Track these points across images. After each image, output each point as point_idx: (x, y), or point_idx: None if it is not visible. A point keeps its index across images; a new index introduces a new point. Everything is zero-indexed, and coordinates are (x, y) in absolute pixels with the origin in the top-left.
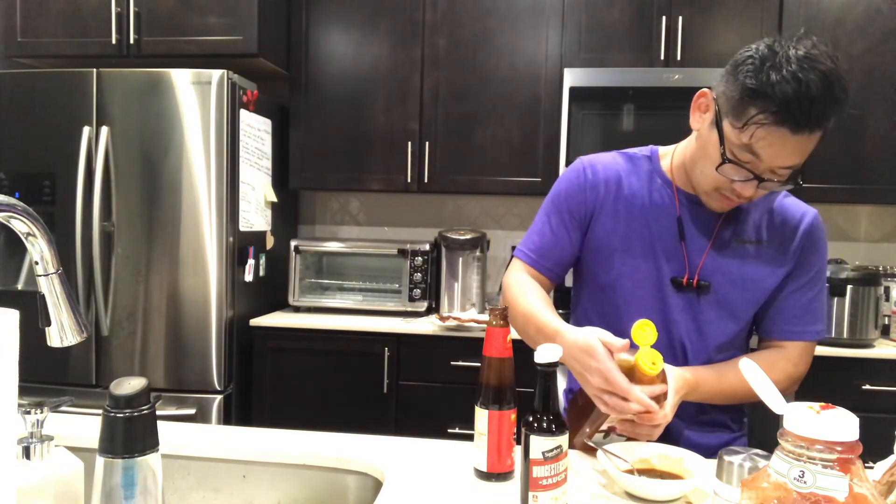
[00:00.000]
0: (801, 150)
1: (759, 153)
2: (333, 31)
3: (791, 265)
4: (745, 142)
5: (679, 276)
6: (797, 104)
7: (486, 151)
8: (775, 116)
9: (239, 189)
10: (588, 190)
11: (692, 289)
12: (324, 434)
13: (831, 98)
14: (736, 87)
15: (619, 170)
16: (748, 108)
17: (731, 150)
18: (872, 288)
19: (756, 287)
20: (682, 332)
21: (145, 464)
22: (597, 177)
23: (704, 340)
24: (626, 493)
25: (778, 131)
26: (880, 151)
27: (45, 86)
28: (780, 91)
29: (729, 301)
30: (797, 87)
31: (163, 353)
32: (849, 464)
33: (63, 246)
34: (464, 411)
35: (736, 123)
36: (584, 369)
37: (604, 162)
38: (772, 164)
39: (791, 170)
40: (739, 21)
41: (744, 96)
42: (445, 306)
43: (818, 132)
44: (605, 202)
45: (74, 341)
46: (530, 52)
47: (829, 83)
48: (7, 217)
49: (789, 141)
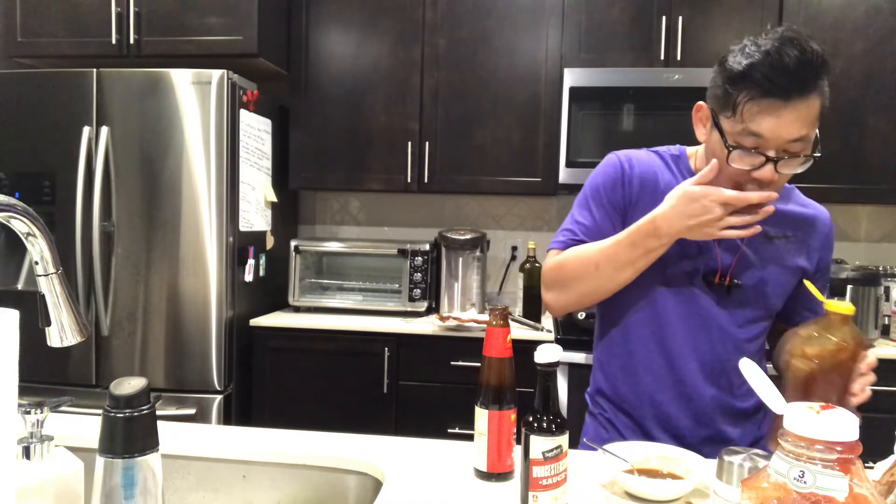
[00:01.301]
0: (802, 117)
1: (759, 132)
2: (333, 31)
3: (813, 263)
4: (742, 126)
5: (711, 274)
6: (776, 72)
7: (486, 151)
8: (760, 89)
9: (239, 189)
10: (626, 183)
11: (724, 287)
12: (324, 434)
13: (808, 60)
14: (720, 82)
15: (655, 166)
16: (734, 93)
17: (734, 140)
18: (872, 288)
19: (787, 281)
20: (714, 327)
21: (145, 464)
22: (633, 171)
23: (738, 333)
24: (626, 493)
25: (768, 102)
26: (880, 151)
27: (45, 86)
28: (756, 67)
29: (763, 296)
30: (772, 58)
31: (163, 353)
32: (849, 464)
33: (63, 246)
34: (464, 411)
35: (729, 114)
36: (701, 212)
37: (639, 158)
38: (777, 139)
39: (803, 143)
40: (739, 21)
41: (727, 85)
42: (445, 306)
43: (811, 96)
44: (640, 196)
45: (74, 341)
46: (530, 52)
47: (802, 48)
48: (7, 217)
49: (784, 111)
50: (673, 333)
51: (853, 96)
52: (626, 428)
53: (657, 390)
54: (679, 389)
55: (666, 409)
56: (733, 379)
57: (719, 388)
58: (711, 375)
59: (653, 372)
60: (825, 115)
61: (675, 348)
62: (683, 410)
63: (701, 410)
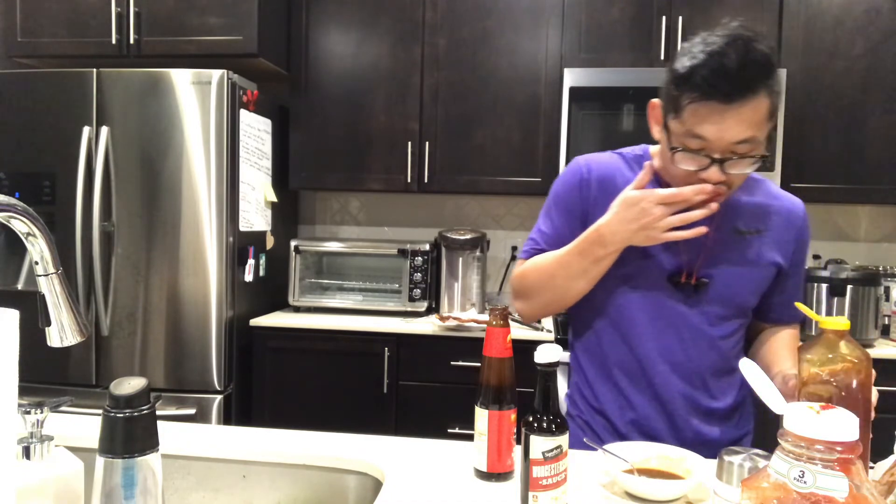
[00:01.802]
0: (746, 120)
1: (702, 133)
2: (333, 31)
3: (788, 255)
4: (685, 127)
5: (676, 274)
6: (716, 75)
7: (486, 151)
8: (700, 92)
9: (239, 189)
10: (583, 188)
11: (690, 286)
12: (324, 434)
13: (752, 62)
14: (667, 82)
15: (615, 168)
16: (678, 95)
17: (679, 141)
18: (872, 288)
19: (760, 276)
20: (683, 326)
21: (145, 464)
22: (591, 175)
23: (710, 331)
24: (626, 493)
25: (709, 106)
26: (880, 151)
27: (45, 86)
28: (697, 70)
29: (734, 293)
30: (711, 61)
31: (163, 353)
32: (849, 464)
33: (63, 246)
34: (464, 411)
35: (674, 114)
36: (640, 216)
37: (599, 161)
38: (721, 142)
39: (750, 144)
40: (740, 21)
41: (671, 87)
42: (445, 306)
43: (755, 99)
44: (598, 200)
45: (74, 341)
46: (530, 52)
47: (744, 49)
48: (7, 217)
49: (726, 114)
50: (641, 335)
51: (853, 96)
52: (603, 430)
53: (633, 393)
54: (653, 391)
55: (643, 411)
56: (708, 378)
57: (693, 388)
58: (685, 376)
59: (626, 374)
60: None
61: (644, 350)
62: (658, 412)
63: (675, 412)
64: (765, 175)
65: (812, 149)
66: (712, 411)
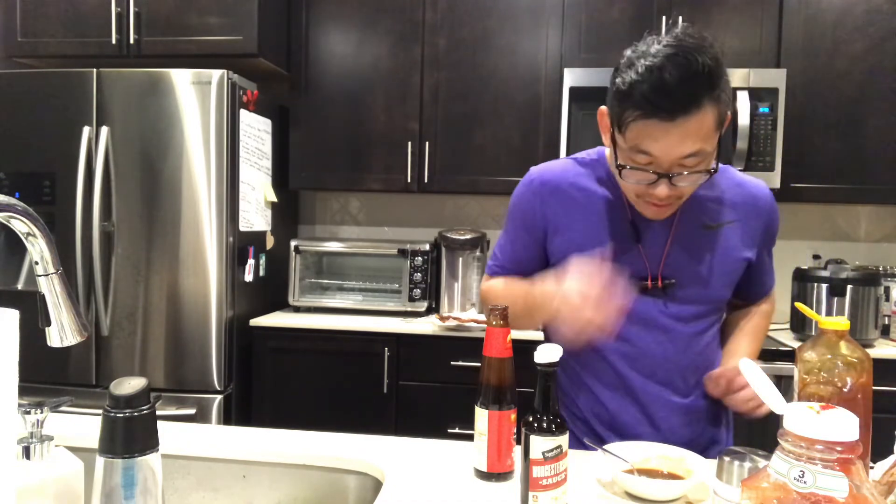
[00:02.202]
0: (692, 133)
1: (648, 150)
2: (333, 31)
3: (760, 240)
4: (631, 144)
5: (641, 279)
6: (657, 93)
7: (485, 151)
8: (642, 110)
9: (239, 189)
10: (537, 202)
11: (658, 290)
12: (324, 434)
13: (690, 76)
14: (610, 96)
15: (569, 176)
16: (621, 111)
17: (626, 156)
18: (872, 288)
19: (732, 269)
20: (656, 328)
21: (145, 464)
22: (545, 187)
23: (684, 330)
24: (626, 493)
25: (651, 123)
26: (880, 151)
27: (45, 86)
28: (637, 87)
29: (702, 289)
30: (651, 77)
31: (163, 353)
32: (849, 464)
33: (63, 246)
34: (464, 411)
35: (618, 130)
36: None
37: (553, 170)
38: (668, 157)
39: (698, 157)
40: (739, 21)
41: (614, 103)
42: (445, 306)
43: (698, 112)
44: (557, 212)
45: (74, 341)
46: (530, 52)
47: (686, 63)
48: (7, 217)
49: (671, 129)
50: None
51: (853, 96)
52: (585, 435)
53: (609, 399)
54: (631, 397)
55: (622, 418)
56: (687, 377)
57: (672, 389)
58: (662, 378)
59: (603, 382)
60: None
61: (617, 357)
62: (638, 417)
63: (655, 414)
64: (765, 175)
65: (812, 149)
66: (692, 410)
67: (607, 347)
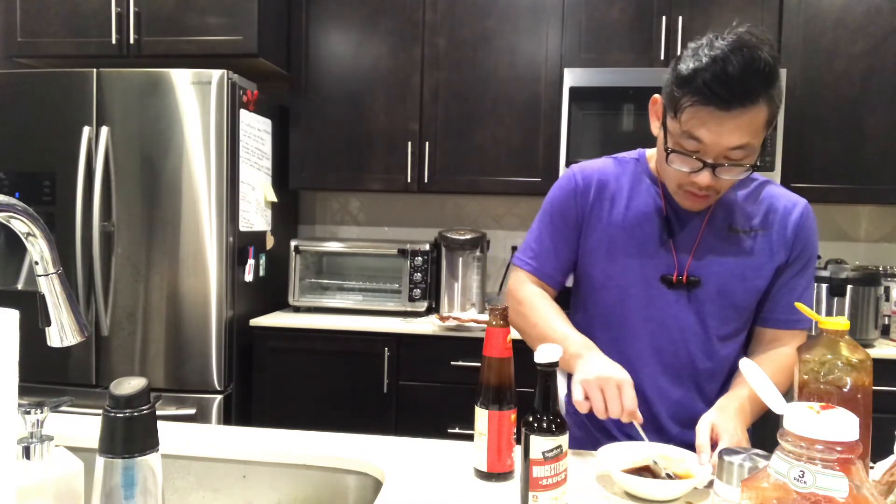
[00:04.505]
0: (743, 127)
1: (698, 136)
2: (333, 31)
3: (786, 254)
4: (683, 129)
5: (668, 274)
6: (718, 81)
7: (486, 151)
8: (700, 96)
9: (239, 189)
10: (578, 196)
11: (682, 285)
12: (324, 434)
13: (752, 71)
14: (669, 81)
15: (609, 174)
16: (678, 96)
17: (675, 141)
18: (872, 288)
19: (755, 276)
20: (681, 327)
21: (145, 464)
22: (586, 182)
23: (706, 332)
24: (626, 493)
25: (707, 111)
26: (880, 151)
27: (45, 86)
28: (700, 74)
29: (728, 292)
30: (714, 66)
31: (163, 353)
32: (849, 464)
33: (63, 246)
34: (464, 411)
35: (672, 114)
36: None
37: (594, 167)
38: (717, 147)
39: (744, 151)
40: (739, 21)
41: (673, 87)
42: (445, 306)
43: (755, 107)
44: (594, 206)
45: (74, 341)
46: (530, 52)
47: (749, 58)
48: (7, 217)
49: (724, 120)
50: (629, 337)
51: (853, 96)
52: (598, 431)
53: None
54: (641, 395)
55: None
56: (701, 382)
57: (684, 390)
58: (675, 378)
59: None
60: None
61: (633, 353)
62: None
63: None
64: (765, 175)
65: (812, 149)
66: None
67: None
